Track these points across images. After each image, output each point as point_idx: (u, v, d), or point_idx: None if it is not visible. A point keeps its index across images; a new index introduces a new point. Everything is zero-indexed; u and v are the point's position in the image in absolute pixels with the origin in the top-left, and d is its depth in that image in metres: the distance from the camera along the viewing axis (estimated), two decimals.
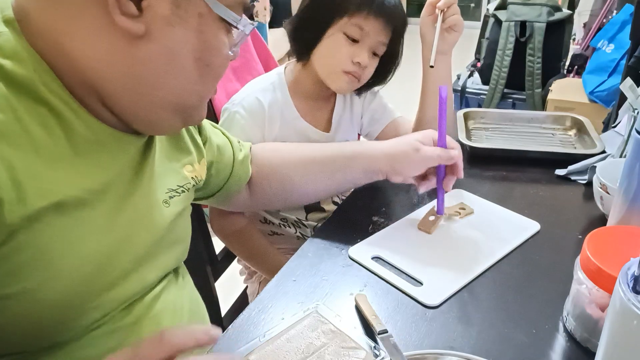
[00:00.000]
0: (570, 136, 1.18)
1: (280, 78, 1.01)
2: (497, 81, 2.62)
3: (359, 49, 0.93)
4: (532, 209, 0.86)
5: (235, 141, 0.83)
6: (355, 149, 0.85)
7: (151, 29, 0.47)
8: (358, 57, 0.93)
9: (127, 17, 0.46)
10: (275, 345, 0.59)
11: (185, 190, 0.66)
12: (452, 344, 0.59)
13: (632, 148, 0.64)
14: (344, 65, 0.93)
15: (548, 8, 2.56)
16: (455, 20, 0.92)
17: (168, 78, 0.51)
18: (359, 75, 0.95)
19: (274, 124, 0.98)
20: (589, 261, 0.56)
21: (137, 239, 0.56)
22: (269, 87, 1.00)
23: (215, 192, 0.81)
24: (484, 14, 3.09)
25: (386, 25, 0.93)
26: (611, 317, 0.44)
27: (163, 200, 0.61)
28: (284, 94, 1.00)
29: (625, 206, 0.66)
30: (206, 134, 0.75)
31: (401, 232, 0.81)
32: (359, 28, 0.91)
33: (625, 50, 2.04)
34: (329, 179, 0.85)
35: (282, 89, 1.00)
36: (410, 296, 0.67)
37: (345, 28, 0.92)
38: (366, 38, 0.92)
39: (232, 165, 0.81)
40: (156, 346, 0.41)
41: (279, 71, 1.04)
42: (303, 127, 1.01)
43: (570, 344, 0.60)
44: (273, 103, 0.98)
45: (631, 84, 0.96)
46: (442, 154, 0.80)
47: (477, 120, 1.23)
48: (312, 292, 0.68)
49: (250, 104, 0.97)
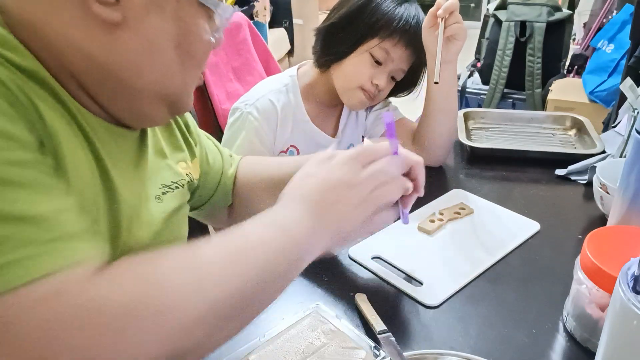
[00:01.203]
0: (570, 136, 1.18)
1: (294, 81, 1.02)
2: (497, 81, 2.62)
3: (380, 72, 0.96)
4: (532, 209, 0.86)
5: (226, 154, 0.80)
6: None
7: (128, 17, 0.47)
8: (377, 79, 0.95)
9: (104, 5, 0.45)
10: (275, 345, 0.59)
11: (179, 186, 0.65)
12: (452, 344, 0.59)
13: (632, 148, 0.64)
14: (363, 83, 0.96)
15: (548, 8, 2.56)
16: (456, 29, 0.90)
17: (148, 67, 0.50)
18: (374, 95, 0.98)
19: (286, 127, 0.99)
20: (589, 261, 0.56)
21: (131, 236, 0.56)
22: (282, 90, 1.01)
23: (204, 203, 0.78)
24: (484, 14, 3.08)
25: (411, 55, 0.96)
26: (611, 317, 0.44)
27: (155, 195, 0.60)
28: (296, 97, 1.01)
29: (625, 206, 0.66)
30: (195, 137, 0.74)
31: (401, 232, 0.81)
32: (386, 52, 0.94)
33: (625, 50, 2.04)
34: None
35: (295, 92, 1.01)
36: (410, 296, 0.67)
37: (373, 50, 0.94)
38: (389, 63, 0.95)
39: (220, 177, 0.78)
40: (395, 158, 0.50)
41: (291, 73, 1.04)
42: (312, 131, 1.02)
43: (570, 344, 0.60)
44: (286, 105, 0.99)
45: (631, 84, 0.96)
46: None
47: (477, 120, 1.23)
48: (312, 292, 0.68)
49: (263, 106, 0.97)
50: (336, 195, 0.52)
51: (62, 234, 0.40)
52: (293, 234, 0.49)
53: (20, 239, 0.37)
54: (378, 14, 0.94)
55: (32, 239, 0.38)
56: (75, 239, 0.41)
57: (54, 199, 0.41)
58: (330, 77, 0.99)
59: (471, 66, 2.92)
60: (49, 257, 0.38)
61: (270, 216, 0.51)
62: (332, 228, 0.51)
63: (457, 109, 1.04)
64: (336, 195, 0.52)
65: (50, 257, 0.38)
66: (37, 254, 0.38)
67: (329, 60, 0.98)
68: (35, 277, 0.36)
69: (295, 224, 0.49)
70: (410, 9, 0.96)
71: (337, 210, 0.51)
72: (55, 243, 0.39)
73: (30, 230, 0.38)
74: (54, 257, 0.38)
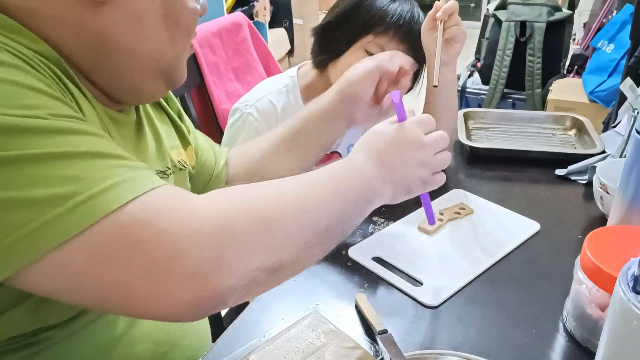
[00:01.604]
0: (570, 136, 1.18)
1: (294, 81, 1.02)
2: (497, 81, 2.62)
3: None
4: (532, 209, 0.86)
5: (216, 146, 0.81)
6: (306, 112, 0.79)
7: None
8: None
9: None
10: (275, 345, 0.59)
11: (172, 172, 0.65)
12: (452, 344, 0.59)
13: (632, 148, 0.64)
14: None
15: (548, 8, 2.56)
16: (455, 31, 0.88)
17: (139, 42, 0.51)
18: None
19: None
20: (589, 261, 0.56)
21: None
22: (283, 90, 1.01)
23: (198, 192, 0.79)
24: (484, 14, 3.08)
25: (408, 52, 0.93)
26: (611, 317, 0.44)
27: None
28: (297, 97, 1.01)
29: (625, 206, 0.66)
30: (188, 125, 0.75)
31: (401, 232, 0.81)
32: (381, 49, 0.93)
33: (625, 50, 2.04)
34: (299, 153, 0.79)
35: (295, 93, 1.01)
36: (410, 296, 0.67)
37: (368, 46, 0.93)
38: None
39: (214, 167, 0.79)
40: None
41: (291, 74, 1.04)
42: None
43: (570, 344, 0.59)
44: (286, 106, 0.99)
45: (631, 84, 0.96)
46: (380, 56, 0.76)
47: (477, 120, 1.23)
48: (312, 292, 0.68)
49: (264, 107, 0.97)
50: (404, 152, 0.58)
51: (143, 166, 0.43)
52: (367, 175, 0.55)
53: (116, 166, 0.40)
54: (372, 10, 0.94)
55: (126, 165, 0.41)
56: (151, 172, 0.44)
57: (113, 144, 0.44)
58: (329, 77, 0.99)
59: (471, 66, 2.92)
60: (147, 179, 0.42)
61: (346, 161, 0.57)
62: (398, 181, 0.58)
63: (457, 110, 1.04)
64: (404, 152, 0.58)
65: (149, 179, 0.42)
66: (137, 176, 0.41)
67: (325, 59, 0.98)
68: (140, 193, 0.40)
69: (369, 167, 0.56)
70: (405, 4, 0.96)
71: (404, 166, 0.58)
72: (143, 170, 0.43)
73: (121, 161, 0.41)
74: (151, 178, 0.42)
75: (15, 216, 0.36)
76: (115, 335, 0.57)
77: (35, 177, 0.37)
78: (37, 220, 0.36)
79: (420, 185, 0.60)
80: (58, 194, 0.37)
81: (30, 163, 0.37)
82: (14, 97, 0.38)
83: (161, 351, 0.61)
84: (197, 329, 0.69)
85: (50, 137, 0.38)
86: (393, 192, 0.58)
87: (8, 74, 0.39)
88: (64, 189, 0.37)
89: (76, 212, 0.37)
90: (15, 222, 0.36)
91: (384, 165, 0.56)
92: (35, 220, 0.36)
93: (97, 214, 0.37)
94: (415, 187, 0.60)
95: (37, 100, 0.39)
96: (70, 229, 0.36)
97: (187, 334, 0.66)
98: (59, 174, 0.37)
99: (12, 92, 0.38)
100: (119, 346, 0.57)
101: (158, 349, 0.61)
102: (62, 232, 0.36)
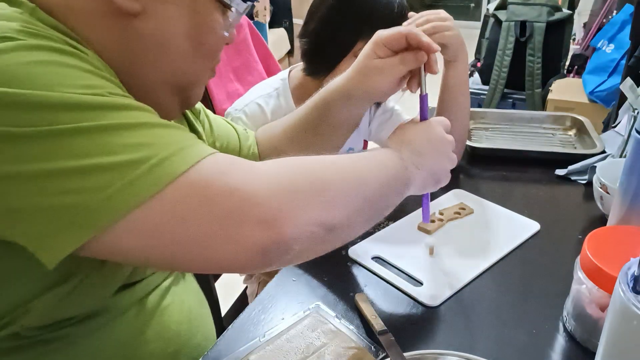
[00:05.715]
0: (570, 136, 1.18)
1: (285, 84, 1.01)
2: (497, 81, 2.62)
3: None
4: (532, 209, 0.86)
5: (241, 130, 0.81)
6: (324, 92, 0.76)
7: (147, 7, 0.48)
8: None
9: None
10: (275, 345, 0.59)
11: None
12: (452, 344, 0.59)
13: (632, 148, 0.64)
14: None
15: (548, 8, 2.56)
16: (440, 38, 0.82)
17: (163, 57, 0.52)
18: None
19: None
20: (589, 261, 0.56)
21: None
22: (273, 94, 1.00)
23: None
24: (484, 14, 3.09)
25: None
26: (611, 317, 0.44)
27: None
28: (288, 100, 1.00)
29: (625, 206, 0.66)
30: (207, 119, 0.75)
31: (401, 232, 0.81)
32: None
33: (625, 50, 2.04)
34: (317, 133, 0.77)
35: (286, 96, 1.00)
36: (410, 296, 0.67)
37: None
38: None
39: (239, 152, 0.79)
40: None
41: (282, 77, 1.03)
42: None
43: (570, 344, 0.60)
44: (276, 110, 0.98)
45: (631, 84, 0.96)
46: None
47: (477, 120, 1.23)
48: (312, 292, 0.68)
49: (252, 111, 0.97)
50: (434, 144, 0.62)
51: (195, 136, 0.47)
52: (403, 159, 0.58)
53: (177, 134, 0.44)
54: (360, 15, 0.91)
55: (185, 133, 0.45)
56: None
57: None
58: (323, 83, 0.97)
59: (471, 66, 2.92)
60: (205, 145, 0.45)
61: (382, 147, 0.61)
62: (430, 169, 0.61)
63: (468, 109, 0.99)
64: (434, 144, 0.62)
65: (206, 146, 0.45)
66: (197, 142, 0.45)
67: (321, 75, 0.97)
68: (204, 156, 0.43)
69: (405, 154, 0.59)
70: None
71: (435, 156, 0.61)
72: (197, 139, 0.46)
73: (179, 131, 0.45)
74: (207, 146, 0.45)
75: (100, 179, 0.39)
76: (130, 334, 0.58)
77: (112, 144, 0.40)
78: (119, 181, 0.40)
79: (444, 178, 0.64)
80: (134, 159, 0.40)
81: (105, 133, 0.41)
82: (77, 79, 0.42)
83: (171, 350, 0.62)
84: (205, 329, 0.70)
85: (114, 111, 0.42)
86: (423, 180, 0.60)
87: (68, 59, 0.43)
88: (138, 154, 0.41)
89: (152, 173, 0.40)
90: (100, 184, 0.39)
91: (417, 154, 0.60)
92: (118, 182, 0.40)
93: (171, 175, 0.41)
94: (443, 178, 0.63)
95: (95, 81, 0.43)
96: (149, 189, 0.40)
97: (196, 333, 0.67)
98: (131, 142, 0.41)
99: (74, 74, 0.42)
100: (134, 345, 0.58)
101: (169, 348, 0.62)
102: (143, 190, 0.40)
